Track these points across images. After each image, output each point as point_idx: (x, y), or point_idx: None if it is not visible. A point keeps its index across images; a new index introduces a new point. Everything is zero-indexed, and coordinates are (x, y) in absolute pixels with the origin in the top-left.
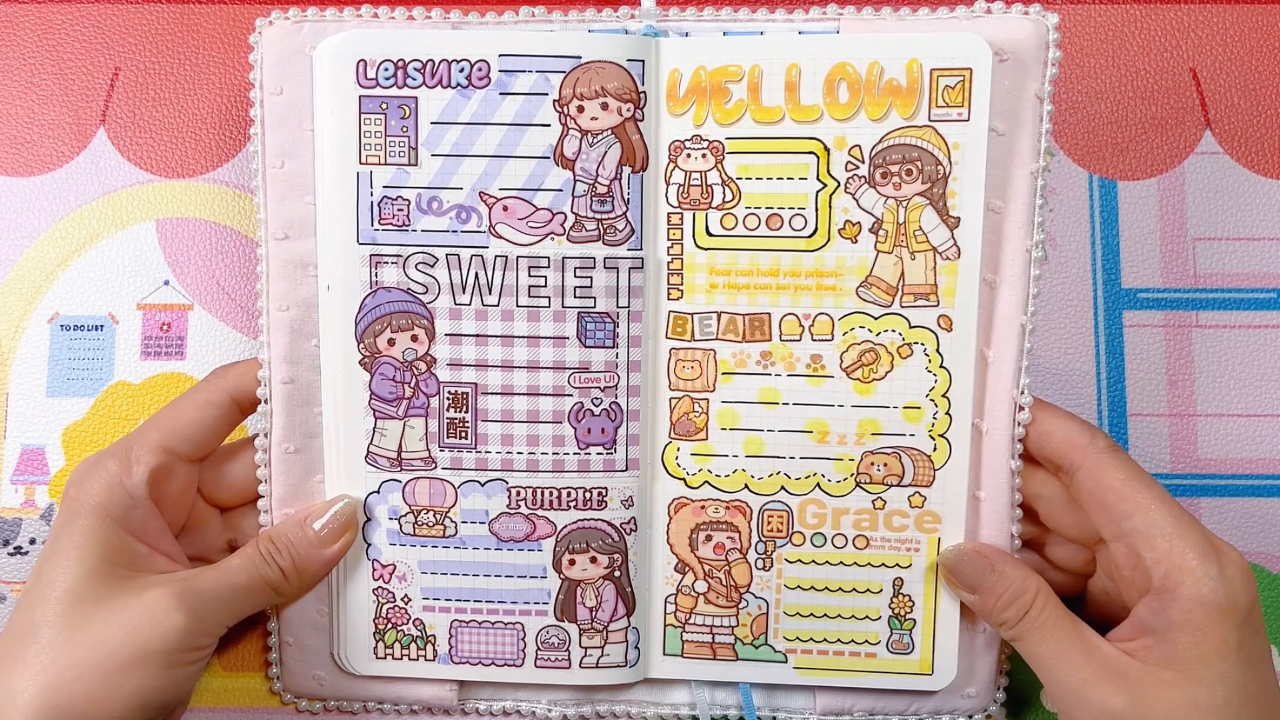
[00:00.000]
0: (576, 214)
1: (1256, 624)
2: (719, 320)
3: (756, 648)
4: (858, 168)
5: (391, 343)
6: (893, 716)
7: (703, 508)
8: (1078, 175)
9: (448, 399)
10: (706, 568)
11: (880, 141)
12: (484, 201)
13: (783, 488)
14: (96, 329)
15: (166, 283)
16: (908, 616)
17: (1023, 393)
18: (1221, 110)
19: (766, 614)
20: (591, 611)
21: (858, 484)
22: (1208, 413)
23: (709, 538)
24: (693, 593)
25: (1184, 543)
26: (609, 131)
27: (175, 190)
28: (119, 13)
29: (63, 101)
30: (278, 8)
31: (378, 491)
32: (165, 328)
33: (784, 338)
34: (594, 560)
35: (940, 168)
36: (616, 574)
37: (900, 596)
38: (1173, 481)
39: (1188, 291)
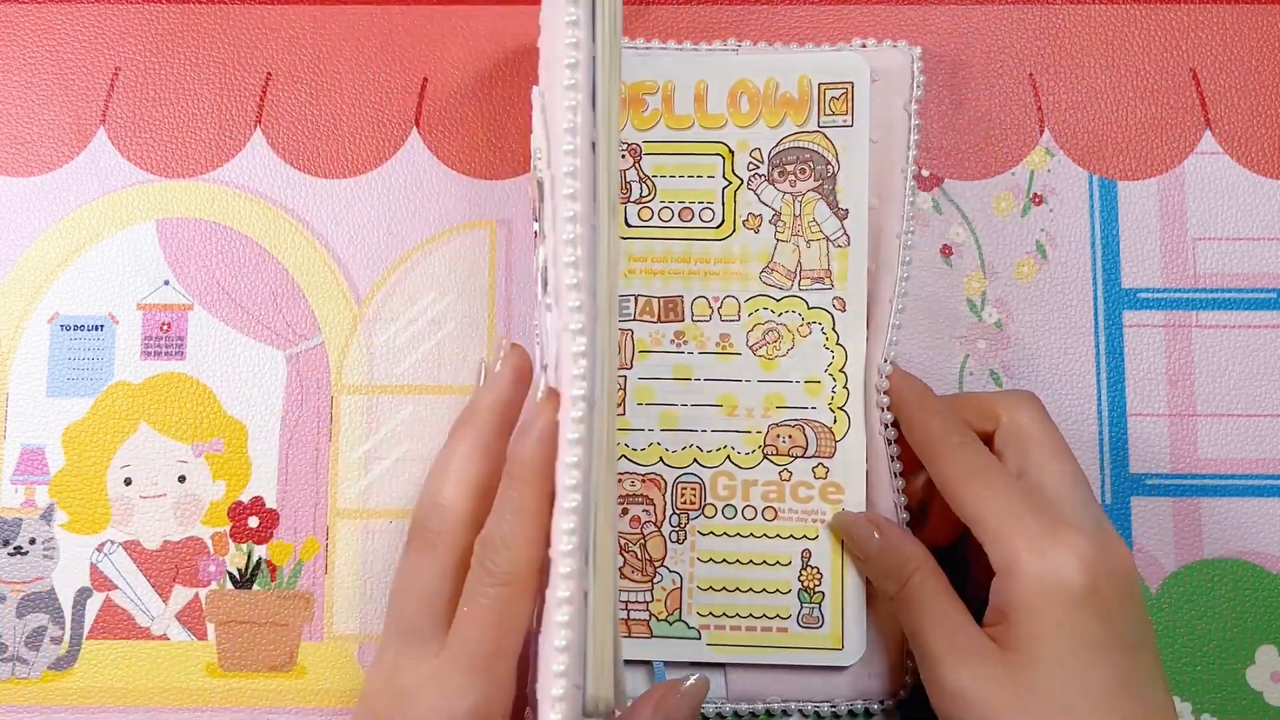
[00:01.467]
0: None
1: (1103, 610)
2: (636, 302)
3: (670, 624)
4: (758, 167)
5: None
6: (805, 703)
7: (620, 481)
8: (1078, 175)
9: None
10: (623, 542)
11: (777, 145)
12: None
13: (695, 460)
14: (96, 329)
15: (166, 283)
16: (816, 589)
17: (886, 361)
18: (1221, 110)
19: (680, 588)
20: None
21: (765, 456)
22: (1208, 413)
23: (625, 511)
24: None
25: (1017, 524)
26: None
27: (175, 190)
28: (119, 13)
29: (63, 101)
30: (281, 6)
31: None
32: (165, 328)
33: (695, 318)
34: None
35: (830, 166)
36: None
37: (809, 569)
38: (1173, 481)
39: (1188, 291)
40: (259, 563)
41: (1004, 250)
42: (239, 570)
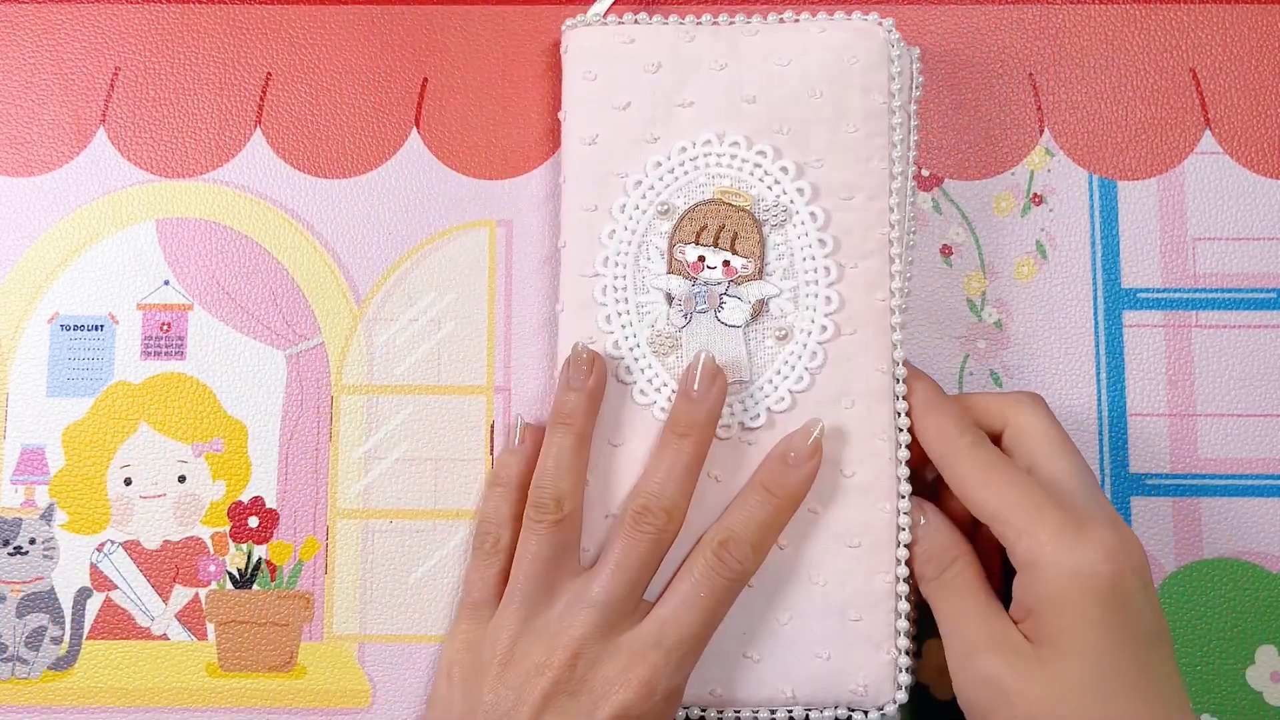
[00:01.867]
0: None
1: (1127, 601)
2: None
3: None
4: None
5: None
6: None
7: None
8: (1078, 175)
9: None
10: None
11: None
12: None
13: None
14: (96, 329)
15: (166, 283)
16: None
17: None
18: (1221, 110)
19: None
20: None
21: None
22: (1208, 413)
23: None
24: None
25: (1040, 518)
26: None
27: (175, 190)
28: (119, 13)
29: (63, 101)
30: (281, 6)
31: None
32: (165, 328)
33: None
34: None
35: None
36: None
37: None
38: (1173, 481)
39: (1188, 291)
40: (259, 563)
41: (1004, 250)
42: (239, 570)
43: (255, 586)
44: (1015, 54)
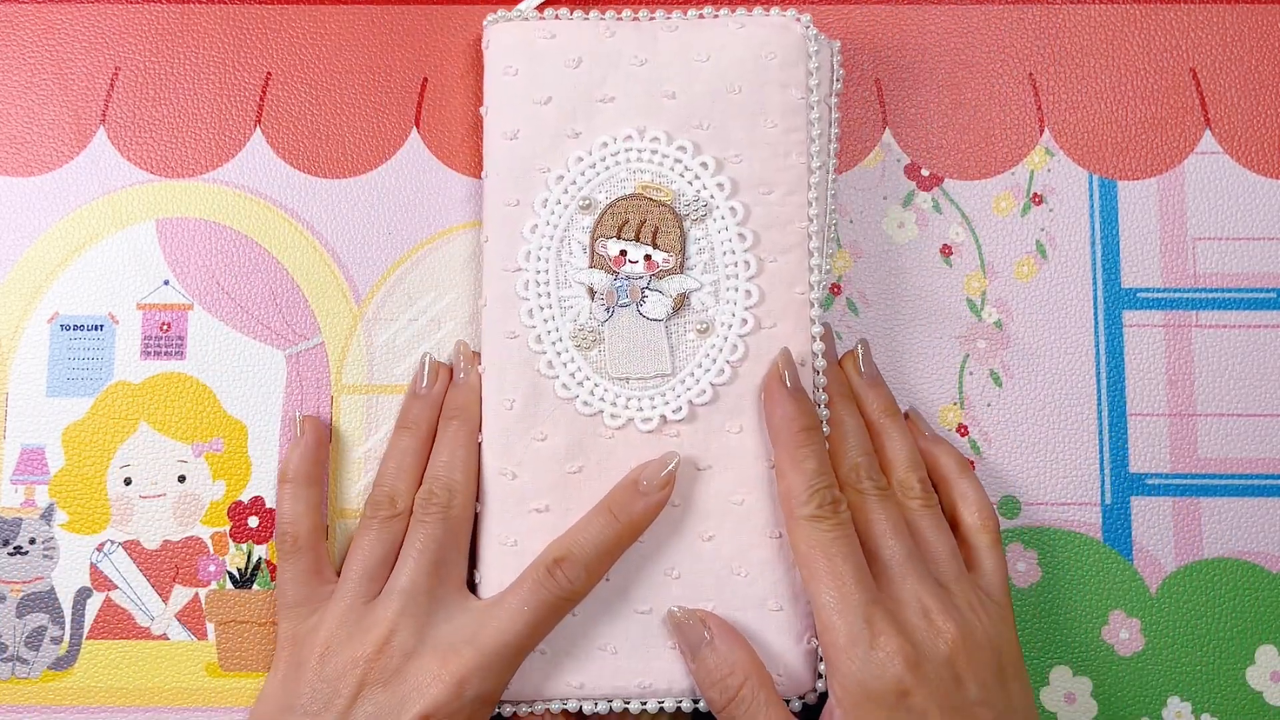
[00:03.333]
0: None
1: (917, 713)
2: None
3: None
4: None
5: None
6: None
7: None
8: (1078, 175)
9: None
10: None
11: None
12: None
13: None
14: (96, 329)
15: (166, 282)
16: None
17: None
18: (1221, 110)
19: None
20: None
21: None
22: (1208, 413)
23: None
24: None
25: (840, 618)
26: None
27: (175, 190)
28: (119, 13)
29: (63, 101)
30: (281, 6)
31: None
32: (165, 327)
33: None
34: None
35: None
36: None
37: None
38: (1173, 481)
39: (1188, 291)
40: (259, 563)
41: (1004, 250)
42: (239, 570)
43: (255, 586)
44: (1015, 54)
